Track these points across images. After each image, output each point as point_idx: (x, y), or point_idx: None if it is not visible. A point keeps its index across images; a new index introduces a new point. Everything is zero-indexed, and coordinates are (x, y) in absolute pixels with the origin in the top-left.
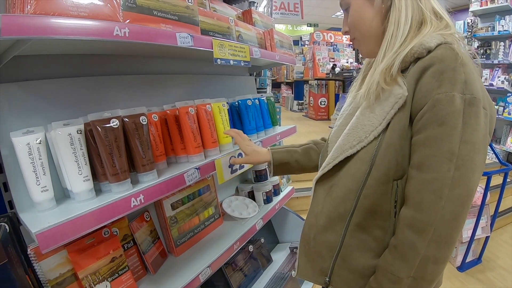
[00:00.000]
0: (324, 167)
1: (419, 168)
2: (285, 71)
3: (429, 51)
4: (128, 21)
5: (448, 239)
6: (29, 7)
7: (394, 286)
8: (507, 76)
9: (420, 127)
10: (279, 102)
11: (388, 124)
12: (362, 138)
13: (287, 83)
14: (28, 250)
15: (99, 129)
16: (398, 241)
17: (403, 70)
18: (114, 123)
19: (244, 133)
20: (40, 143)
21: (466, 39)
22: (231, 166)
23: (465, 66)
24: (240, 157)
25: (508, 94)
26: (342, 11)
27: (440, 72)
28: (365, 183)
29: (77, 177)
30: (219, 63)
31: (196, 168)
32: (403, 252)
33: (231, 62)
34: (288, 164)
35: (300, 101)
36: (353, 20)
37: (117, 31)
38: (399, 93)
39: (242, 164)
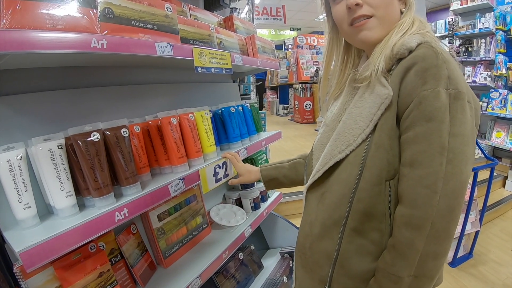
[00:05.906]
0: (314, 175)
1: (411, 165)
2: (269, 76)
3: (410, 51)
4: (106, 32)
5: (446, 233)
6: (4, 21)
7: (395, 286)
8: (489, 72)
9: (408, 125)
10: (264, 107)
11: (376, 125)
12: (351, 142)
13: (272, 88)
14: (14, 268)
15: (80, 143)
16: (397, 240)
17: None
18: (95, 136)
19: (228, 140)
20: (21, 160)
21: (447, 38)
22: (215, 175)
23: (447, 62)
24: (224, 166)
25: (491, 90)
26: None
27: (424, 70)
28: (358, 187)
29: (60, 193)
30: (200, 71)
31: (180, 179)
32: (402, 250)
33: (213, 70)
34: (277, 180)
35: (285, 105)
36: None
37: (94, 43)
38: (384, 94)
39: (226, 173)
